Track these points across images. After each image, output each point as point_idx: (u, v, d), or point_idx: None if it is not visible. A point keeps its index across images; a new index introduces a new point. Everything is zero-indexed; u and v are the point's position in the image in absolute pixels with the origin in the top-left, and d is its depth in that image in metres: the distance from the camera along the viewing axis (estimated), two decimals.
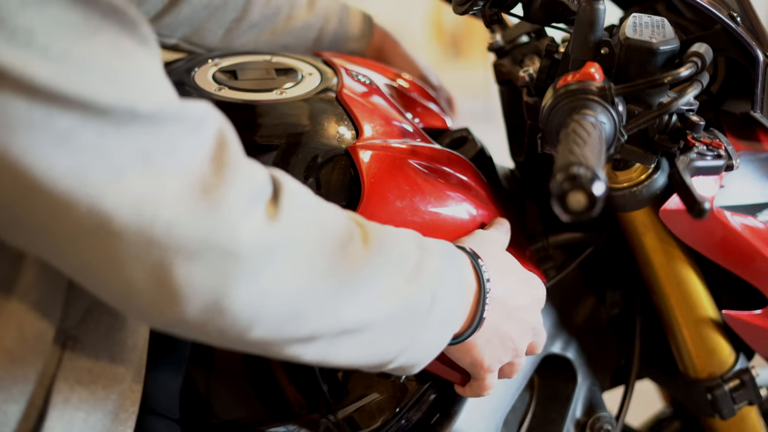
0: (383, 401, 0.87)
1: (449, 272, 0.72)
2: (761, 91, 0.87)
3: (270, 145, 0.86)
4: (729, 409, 1.00)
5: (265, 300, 0.60)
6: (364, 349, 0.68)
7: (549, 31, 1.03)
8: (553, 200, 0.58)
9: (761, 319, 0.96)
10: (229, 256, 0.57)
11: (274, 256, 0.59)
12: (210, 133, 0.59)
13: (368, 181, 0.83)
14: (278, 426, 0.86)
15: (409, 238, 0.71)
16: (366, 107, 0.91)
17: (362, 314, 0.65)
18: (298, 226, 0.61)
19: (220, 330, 0.60)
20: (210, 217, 0.56)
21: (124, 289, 0.57)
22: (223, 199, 0.57)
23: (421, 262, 0.69)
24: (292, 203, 0.62)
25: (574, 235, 1.04)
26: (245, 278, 0.58)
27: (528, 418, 1.01)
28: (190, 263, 0.56)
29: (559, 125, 0.70)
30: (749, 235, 0.91)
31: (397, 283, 0.67)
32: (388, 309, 0.67)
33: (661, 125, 0.80)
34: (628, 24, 0.80)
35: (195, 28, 1.08)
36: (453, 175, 0.90)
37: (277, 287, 0.60)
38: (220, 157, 0.58)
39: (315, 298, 0.62)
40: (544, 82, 0.88)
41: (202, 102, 0.61)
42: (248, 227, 0.58)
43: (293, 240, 0.61)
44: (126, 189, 0.54)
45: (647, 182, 0.86)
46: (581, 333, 1.06)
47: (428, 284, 0.69)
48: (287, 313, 0.61)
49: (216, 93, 0.90)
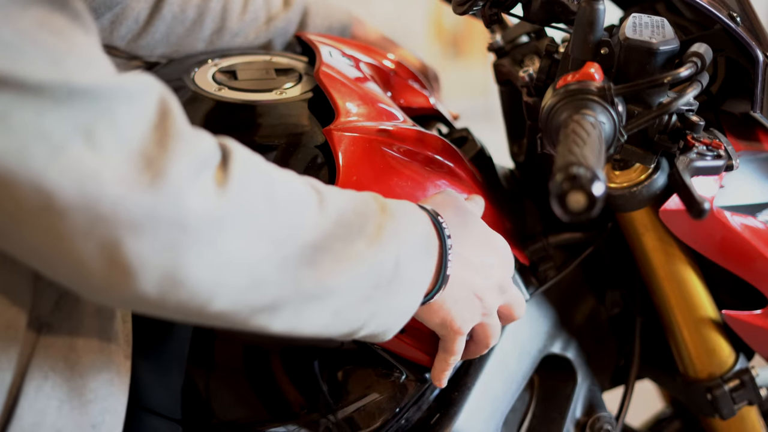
0: (383, 401, 0.87)
1: (411, 233, 0.71)
2: (761, 91, 0.87)
3: (270, 145, 0.86)
4: (729, 409, 1.00)
5: (222, 269, 0.59)
6: (332, 317, 0.67)
7: (549, 31, 1.03)
8: (553, 200, 0.58)
9: (761, 319, 0.96)
10: (178, 227, 0.56)
11: (226, 224, 0.58)
12: (151, 104, 0.58)
13: (344, 164, 0.83)
14: (278, 426, 0.86)
15: (369, 201, 0.70)
16: (345, 87, 0.91)
17: (324, 279, 0.64)
18: (250, 193, 0.60)
19: (179, 303, 0.59)
20: (155, 190, 0.55)
21: (76, 269, 0.56)
22: (168, 170, 0.56)
23: (381, 224, 0.69)
24: (243, 170, 0.61)
25: (574, 235, 1.04)
26: (198, 248, 0.57)
27: (528, 418, 1.01)
28: (139, 238, 0.55)
29: (559, 125, 0.70)
30: (749, 235, 0.91)
31: (358, 247, 0.66)
32: (350, 273, 0.66)
33: (660, 125, 0.80)
34: (627, 24, 0.81)
35: (174, 46, 1.07)
36: (433, 157, 0.89)
37: (233, 255, 0.59)
38: (162, 127, 0.57)
39: (274, 265, 0.61)
40: (544, 82, 0.88)
41: (141, 73, 0.60)
42: (196, 197, 0.57)
43: (245, 206, 0.60)
44: (68, 167, 0.54)
45: (647, 182, 0.86)
46: (581, 333, 1.06)
47: (391, 247, 0.68)
48: (247, 281, 0.60)
49: (216, 93, 0.90)
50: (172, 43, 1.07)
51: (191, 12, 1.06)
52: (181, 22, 1.06)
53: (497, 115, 1.18)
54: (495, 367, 0.95)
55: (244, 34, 1.09)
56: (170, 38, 1.06)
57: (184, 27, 1.06)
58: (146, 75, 0.60)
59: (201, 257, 0.57)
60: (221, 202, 0.58)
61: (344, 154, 0.83)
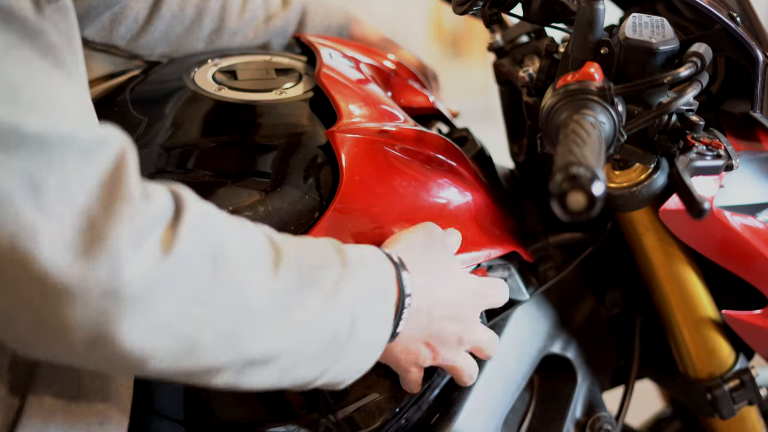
0: (383, 401, 0.87)
1: (372, 291, 0.69)
2: (761, 91, 0.87)
3: (270, 145, 0.86)
4: (729, 409, 0.99)
5: (155, 336, 0.56)
6: (278, 376, 0.65)
7: (549, 31, 1.03)
8: (553, 200, 0.58)
9: (761, 319, 0.96)
10: (111, 297, 0.53)
11: (164, 293, 0.55)
12: (106, 159, 0.55)
13: (347, 167, 0.82)
14: (278, 426, 0.86)
15: (330, 254, 0.67)
16: (345, 88, 0.91)
17: (268, 345, 0.61)
18: (196, 257, 0.57)
19: (110, 363, 0.57)
20: (91, 258, 0.52)
21: (3, 321, 0.54)
22: (108, 236, 0.53)
23: (339, 282, 0.65)
24: (193, 230, 0.57)
25: (574, 235, 1.04)
26: (131, 318, 0.54)
27: (528, 418, 1.01)
28: (67, 304, 0.52)
29: (559, 125, 0.70)
30: (749, 235, 0.91)
31: (310, 308, 0.63)
32: (298, 337, 0.63)
33: (660, 125, 0.80)
34: (627, 24, 0.80)
35: (173, 46, 1.07)
36: (436, 157, 0.89)
37: (169, 323, 0.56)
38: (112, 187, 0.54)
39: (213, 332, 0.58)
40: (544, 82, 0.88)
41: (104, 124, 0.57)
42: (134, 266, 0.53)
43: (188, 273, 0.56)
44: (7, 219, 0.51)
45: (647, 182, 0.86)
46: (581, 333, 1.06)
47: (346, 308, 0.66)
48: (183, 347, 0.57)
49: (216, 93, 0.90)
50: (172, 42, 1.06)
51: (190, 11, 1.06)
52: (180, 22, 1.06)
53: (497, 115, 1.18)
54: (495, 367, 0.95)
55: (243, 33, 1.09)
56: (170, 37, 1.06)
57: (183, 26, 1.06)
58: (110, 127, 0.57)
59: (133, 326, 0.54)
60: (162, 270, 0.55)
61: (347, 156, 0.83)
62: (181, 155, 0.85)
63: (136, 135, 0.87)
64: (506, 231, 0.93)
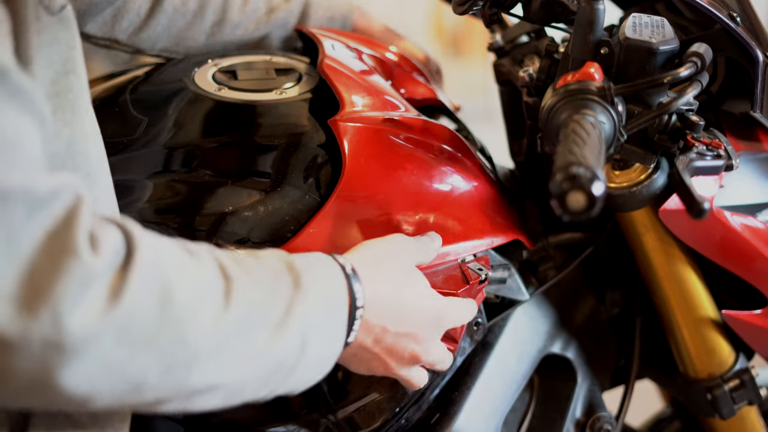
0: (383, 401, 0.87)
1: (323, 307, 0.68)
2: (761, 91, 0.87)
3: (270, 145, 0.86)
4: (729, 409, 0.99)
5: (98, 380, 0.56)
6: (225, 400, 0.64)
7: (549, 31, 1.03)
8: (553, 200, 0.58)
9: (761, 319, 0.96)
10: (53, 347, 0.53)
11: (108, 340, 0.55)
12: (56, 213, 0.54)
13: (350, 155, 0.82)
14: (278, 426, 0.86)
15: (281, 277, 0.66)
16: (348, 78, 0.91)
17: (215, 379, 0.61)
18: (145, 301, 0.57)
19: (52, 404, 0.57)
20: (33, 310, 0.52)
21: None
22: (53, 289, 0.52)
23: (290, 306, 0.65)
24: (142, 273, 0.57)
25: (574, 235, 1.04)
26: (73, 365, 0.54)
27: (528, 418, 1.01)
28: (8, 353, 0.52)
29: (559, 125, 0.70)
30: (749, 235, 0.91)
31: (260, 341, 0.63)
32: (247, 369, 0.63)
33: (660, 125, 0.80)
34: (627, 24, 0.80)
35: (175, 39, 1.07)
36: (440, 146, 0.89)
37: (112, 367, 0.56)
38: (61, 239, 0.54)
39: (157, 372, 0.58)
40: (544, 82, 0.88)
41: (57, 175, 0.56)
42: (78, 318, 0.53)
43: (136, 317, 0.56)
44: None
45: (647, 182, 0.86)
46: (581, 333, 1.06)
47: (297, 331, 0.65)
48: (126, 387, 0.57)
49: (216, 93, 0.90)
50: (174, 35, 1.06)
51: (192, 4, 1.06)
52: (183, 15, 1.06)
53: (497, 115, 1.18)
54: (495, 367, 0.95)
55: (245, 25, 1.08)
56: (171, 31, 1.06)
57: (186, 19, 1.06)
58: (65, 176, 0.57)
59: (75, 373, 0.54)
60: (107, 320, 0.55)
61: (350, 144, 0.83)
62: (181, 155, 0.85)
63: (137, 135, 0.87)
64: (509, 219, 0.93)
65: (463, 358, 0.93)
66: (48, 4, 0.62)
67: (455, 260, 0.86)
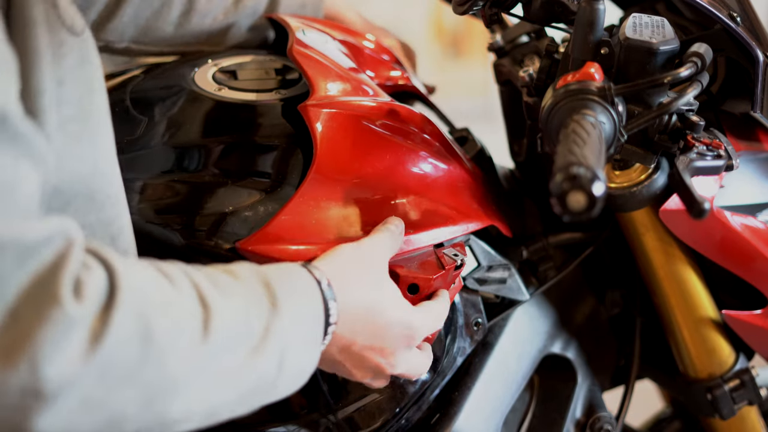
0: (383, 401, 0.87)
1: (301, 326, 0.68)
2: (761, 91, 0.87)
3: (270, 145, 0.86)
4: (729, 409, 1.00)
5: (76, 420, 0.55)
6: (205, 422, 0.64)
7: (549, 31, 1.03)
8: (553, 200, 0.58)
9: (761, 319, 0.96)
10: (30, 393, 0.53)
11: (88, 384, 0.55)
12: (44, 260, 0.54)
13: (321, 140, 0.82)
14: (278, 426, 0.86)
15: (259, 298, 0.66)
16: (319, 64, 0.90)
17: (194, 407, 0.62)
18: (126, 342, 0.56)
19: None
20: (12, 357, 0.52)
21: None
22: (32, 337, 0.52)
23: (268, 328, 0.65)
24: (124, 313, 0.56)
25: (574, 235, 1.04)
26: (51, 410, 0.54)
27: (528, 418, 1.01)
28: None
29: (559, 125, 0.70)
30: (749, 235, 0.91)
31: (238, 367, 0.63)
32: (223, 394, 0.63)
33: (661, 125, 0.80)
34: (627, 24, 0.80)
35: (143, 30, 1.05)
36: (413, 131, 0.88)
37: (92, 407, 0.56)
38: (45, 287, 0.53)
39: (136, 405, 0.58)
40: (544, 82, 0.88)
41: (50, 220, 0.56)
42: (57, 365, 0.53)
43: (116, 359, 0.56)
44: None
45: (647, 182, 0.86)
46: (581, 333, 1.06)
47: (275, 352, 0.65)
48: (105, 423, 0.57)
49: (216, 93, 0.90)
50: (141, 26, 1.05)
51: None
52: (150, 5, 1.04)
53: (497, 115, 1.18)
54: (495, 367, 0.95)
55: (213, 15, 1.07)
56: (138, 21, 1.04)
57: (153, 9, 1.04)
58: (59, 222, 0.56)
59: (54, 416, 0.54)
60: (87, 366, 0.54)
61: (321, 130, 0.82)
62: (181, 155, 0.85)
63: (137, 135, 0.87)
64: (485, 205, 0.92)
65: (463, 358, 0.93)
66: (71, 25, 0.62)
67: (430, 246, 0.86)
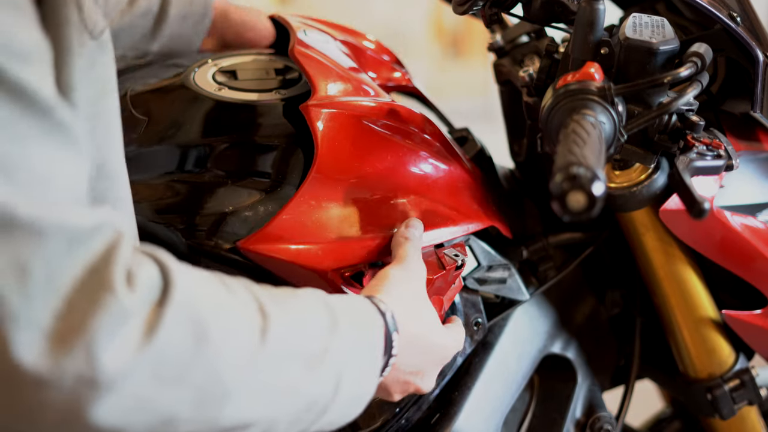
0: (383, 401, 0.87)
1: (360, 351, 0.68)
2: (761, 91, 0.87)
3: (270, 145, 0.86)
4: (729, 409, 1.00)
5: (130, 415, 0.55)
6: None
7: (549, 31, 1.03)
8: (553, 200, 0.58)
9: (761, 319, 0.96)
10: (86, 382, 0.53)
11: (141, 376, 0.54)
12: (95, 248, 0.54)
13: (322, 140, 0.82)
14: None
15: (319, 317, 0.66)
16: (320, 64, 0.90)
17: (246, 417, 0.61)
18: (179, 339, 0.56)
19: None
20: (68, 344, 0.52)
21: None
22: (87, 324, 0.52)
23: (327, 348, 0.65)
24: (179, 310, 0.56)
25: (574, 235, 1.04)
26: (105, 400, 0.53)
27: (528, 418, 1.01)
28: (40, 389, 0.52)
29: (559, 125, 0.70)
30: (749, 235, 0.91)
31: (293, 380, 0.63)
32: (279, 408, 0.63)
33: (661, 125, 0.80)
34: (627, 24, 0.81)
35: None
36: (414, 131, 0.89)
37: (144, 403, 0.55)
38: (99, 275, 0.54)
39: (190, 407, 0.58)
40: (544, 82, 0.88)
41: (99, 210, 0.56)
42: (111, 353, 0.53)
43: (170, 354, 0.56)
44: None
45: (647, 182, 0.86)
46: (581, 333, 1.06)
47: (332, 373, 0.65)
48: (157, 422, 0.57)
49: (216, 93, 0.90)
50: None
51: None
52: None
53: (497, 115, 1.18)
54: (495, 367, 0.95)
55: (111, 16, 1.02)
56: None
57: None
58: (107, 213, 0.56)
59: (107, 409, 0.54)
60: (141, 355, 0.54)
61: (323, 130, 0.82)
62: (181, 155, 0.85)
63: (137, 135, 0.87)
64: (485, 205, 0.92)
65: (463, 358, 0.93)
66: (92, 29, 0.62)
67: (431, 246, 0.86)
